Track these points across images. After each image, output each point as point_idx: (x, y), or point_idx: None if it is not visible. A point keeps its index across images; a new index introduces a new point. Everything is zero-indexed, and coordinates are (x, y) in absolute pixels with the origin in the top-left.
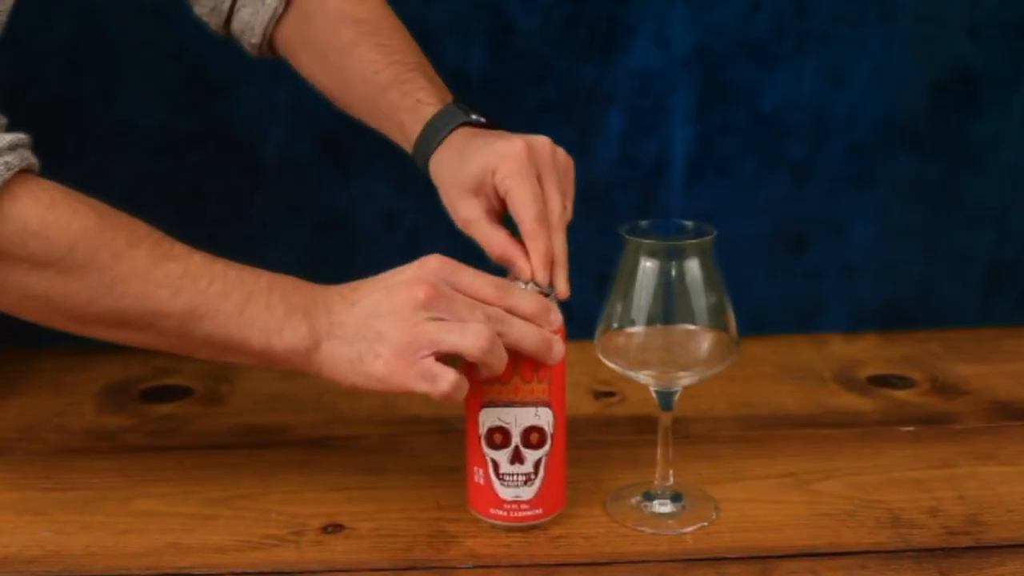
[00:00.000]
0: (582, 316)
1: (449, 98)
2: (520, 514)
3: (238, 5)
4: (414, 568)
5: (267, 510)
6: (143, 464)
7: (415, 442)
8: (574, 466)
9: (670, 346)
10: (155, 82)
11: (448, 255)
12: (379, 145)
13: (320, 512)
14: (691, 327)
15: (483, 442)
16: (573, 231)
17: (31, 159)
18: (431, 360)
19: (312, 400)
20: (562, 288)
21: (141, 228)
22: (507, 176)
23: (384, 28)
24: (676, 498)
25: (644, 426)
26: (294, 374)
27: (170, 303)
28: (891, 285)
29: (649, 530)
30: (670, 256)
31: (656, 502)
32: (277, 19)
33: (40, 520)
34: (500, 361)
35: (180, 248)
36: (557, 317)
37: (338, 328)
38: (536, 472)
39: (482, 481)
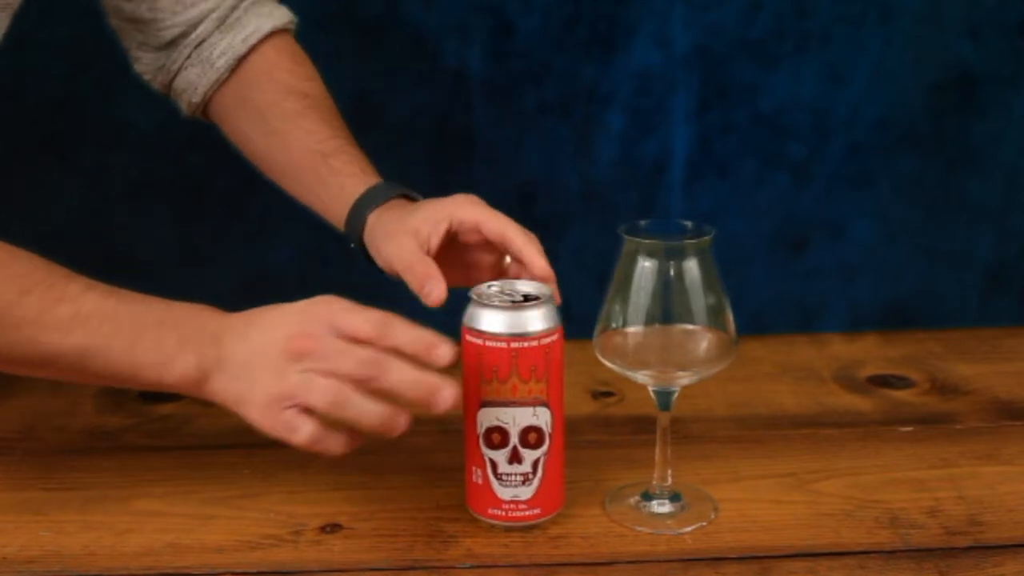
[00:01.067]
0: (581, 316)
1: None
2: (518, 514)
3: (186, 64)
4: (413, 568)
5: (266, 510)
6: (142, 464)
7: (414, 442)
8: (572, 466)
9: (668, 346)
10: None
11: None
12: (379, 145)
13: (319, 512)
14: (690, 327)
15: (481, 442)
16: (573, 231)
17: None
18: (292, 412)
19: None
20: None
21: (37, 273)
22: (473, 211)
23: (327, 106)
24: (675, 498)
25: (643, 426)
26: None
27: (62, 345)
28: (891, 285)
29: (648, 530)
30: (669, 256)
31: (655, 502)
32: (221, 83)
33: (39, 520)
34: (364, 415)
35: (75, 287)
36: (445, 352)
37: (225, 363)
38: (534, 472)
39: (480, 481)
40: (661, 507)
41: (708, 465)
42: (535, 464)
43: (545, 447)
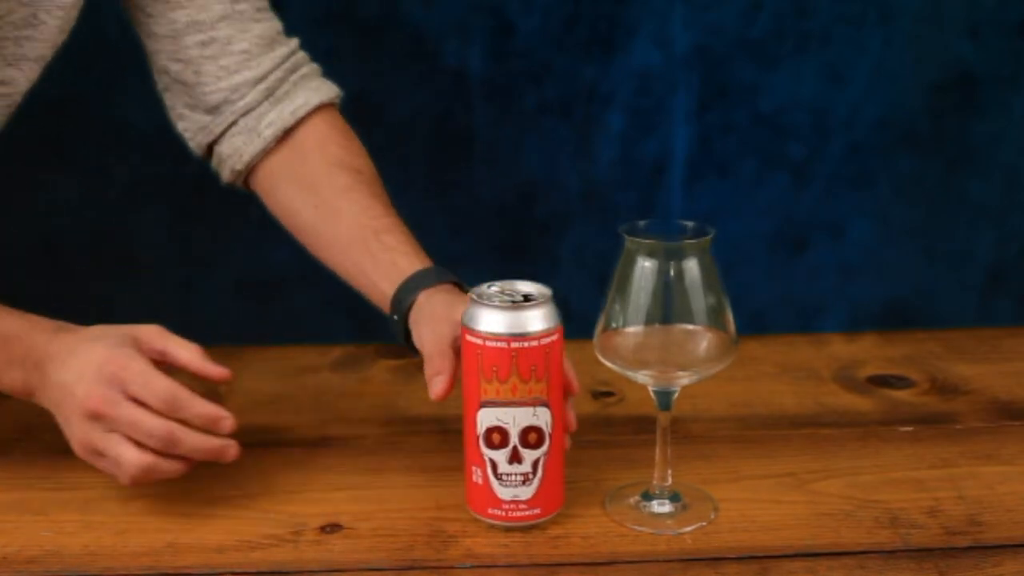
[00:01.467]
0: (581, 316)
1: None
2: (518, 514)
3: (231, 131)
4: (413, 568)
5: (266, 510)
6: None
7: (414, 442)
8: (573, 466)
9: (668, 346)
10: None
11: (443, 253)
12: (379, 145)
13: (319, 512)
14: (690, 327)
15: (481, 442)
16: (573, 231)
17: None
18: (106, 460)
19: (311, 400)
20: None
21: None
22: None
23: (377, 184)
24: (675, 498)
25: (643, 426)
26: (293, 374)
27: None
28: (891, 285)
29: (648, 530)
30: (669, 256)
31: (655, 502)
32: (268, 152)
33: (40, 520)
34: (171, 473)
35: None
36: (228, 425)
37: (46, 390)
38: (534, 472)
39: (480, 481)
40: (661, 507)
41: (708, 465)
42: (535, 464)
43: (545, 447)
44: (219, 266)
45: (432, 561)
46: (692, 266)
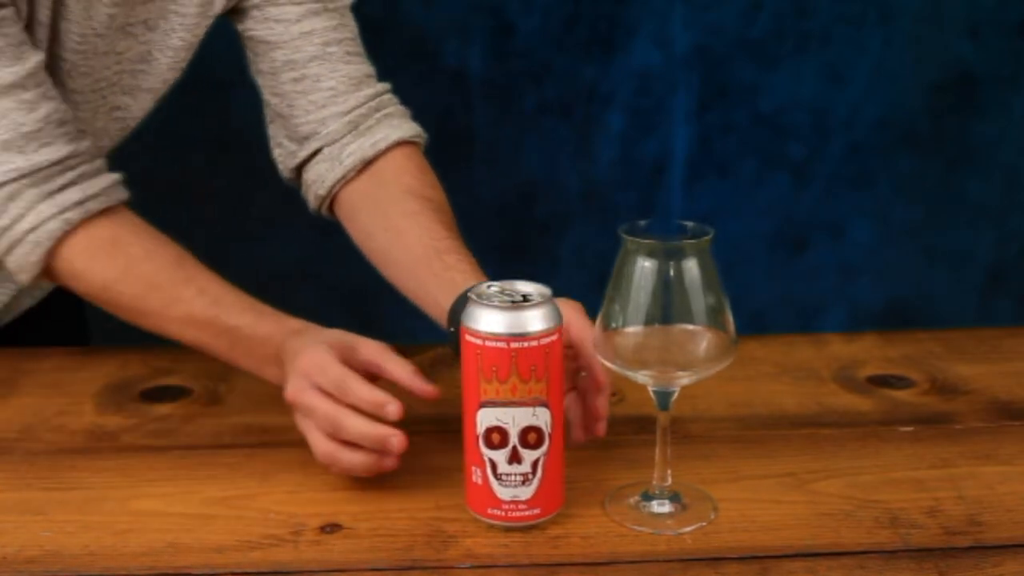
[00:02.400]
0: None
1: None
2: (518, 514)
3: (316, 159)
4: (412, 568)
5: (266, 510)
6: (142, 464)
7: (414, 442)
8: (572, 466)
9: (668, 346)
10: None
11: None
12: None
13: (319, 512)
14: (689, 327)
15: (481, 442)
16: (573, 231)
17: (95, 207)
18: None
19: None
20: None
21: (164, 271)
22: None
23: (445, 211)
24: (675, 498)
25: (643, 426)
26: None
27: (181, 336)
28: (891, 285)
29: (647, 530)
30: (668, 256)
31: (655, 502)
32: (347, 180)
33: (40, 520)
34: (353, 465)
35: (190, 291)
36: (394, 411)
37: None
38: (534, 472)
39: (480, 481)
40: (661, 507)
41: (708, 465)
42: (535, 464)
43: (545, 447)
44: (219, 266)
45: (432, 561)
46: (692, 266)
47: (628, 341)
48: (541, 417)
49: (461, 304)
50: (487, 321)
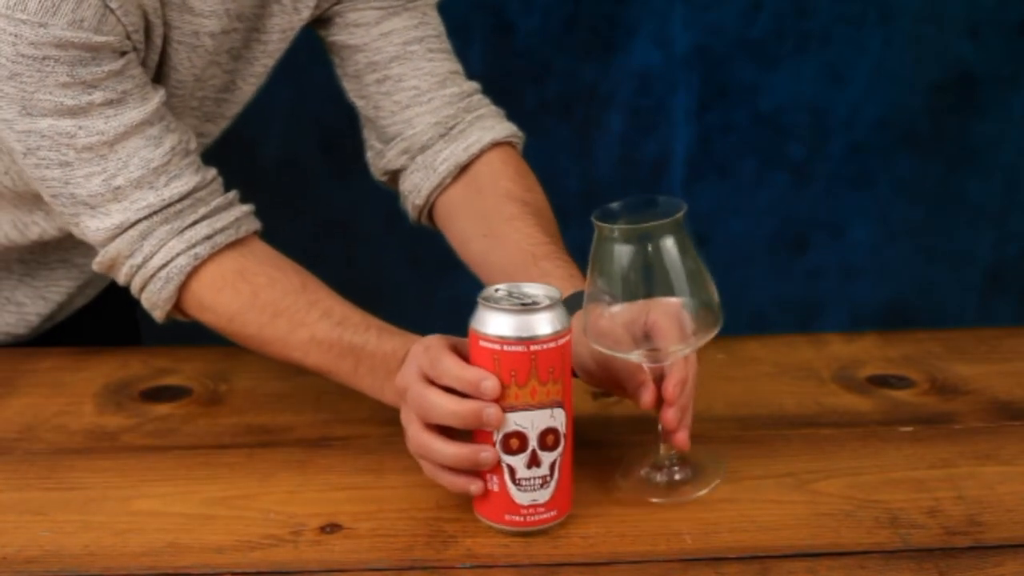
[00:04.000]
0: None
1: None
2: (536, 518)
3: (411, 168)
4: (413, 568)
5: (266, 510)
6: (142, 464)
7: None
8: (574, 466)
9: (656, 322)
10: None
11: (443, 255)
12: None
13: (319, 512)
14: (672, 300)
15: (499, 449)
16: (573, 231)
17: (222, 240)
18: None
19: (311, 400)
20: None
21: (288, 298)
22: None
23: (544, 215)
24: (683, 462)
25: (643, 426)
26: (293, 374)
27: (303, 361)
28: (891, 285)
29: (665, 500)
30: (643, 239)
31: (664, 471)
32: (444, 188)
33: (40, 520)
34: (441, 458)
35: (314, 314)
36: (492, 385)
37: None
38: (552, 474)
39: (496, 488)
40: (673, 475)
41: None
42: (552, 466)
43: (561, 448)
44: None
45: (432, 561)
46: (668, 244)
47: (615, 321)
48: (558, 418)
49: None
50: (502, 325)
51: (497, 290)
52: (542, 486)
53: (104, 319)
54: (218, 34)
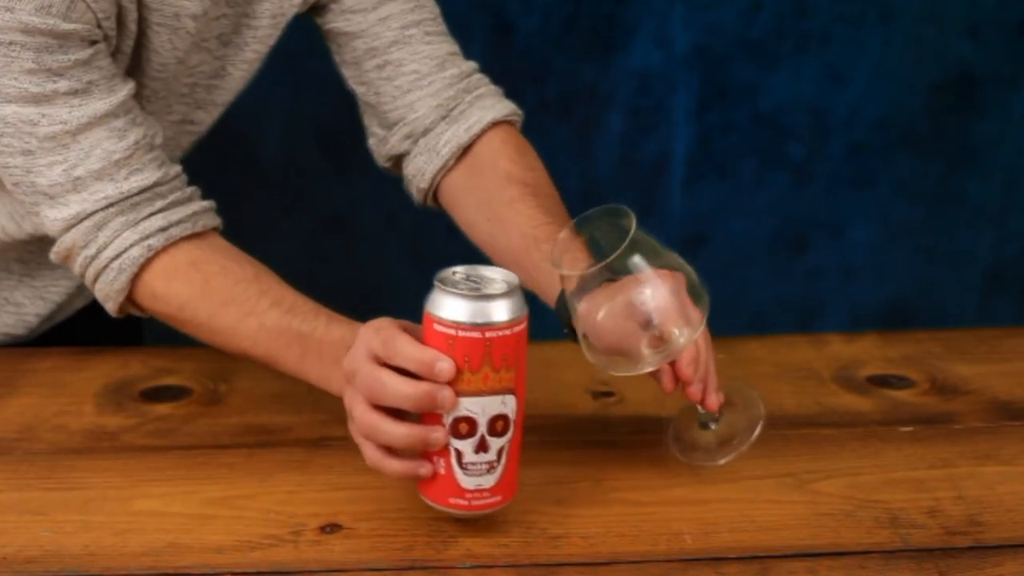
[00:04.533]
0: None
1: None
2: (481, 502)
3: (414, 152)
4: (412, 568)
5: (266, 510)
6: (142, 464)
7: None
8: (573, 466)
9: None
10: None
11: (443, 254)
12: None
13: (319, 512)
14: (661, 300)
15: (447, 432)
16: None
17: (178, 233)
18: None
19: (311, 400)
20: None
21: (238, 287)
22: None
23: (546, 194)
24: (722, 412)
25: (643, 426)
26: None
27: (252, 351)
28: (891, 285)
29: (729, 458)
30: (602, 276)
31: (712, 424)
32: (447, 170)
33: (40, 520)
34: (389, 440)
35: (264, 303)
36: (447, 367)
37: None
38: (499, 460)
39: (443, 471)
40: (720, 427)
41: None
42: (500, 452)
43: (509, 434)
44: None
45: (432, 561)
46: (636, 260)
47: (611, 340)
48: (509, 405)
49: (563, 301)
50: (459, 310)
51: (455, 273)
52: (488, 471)
53: (104, 320)
54: (201, 16)
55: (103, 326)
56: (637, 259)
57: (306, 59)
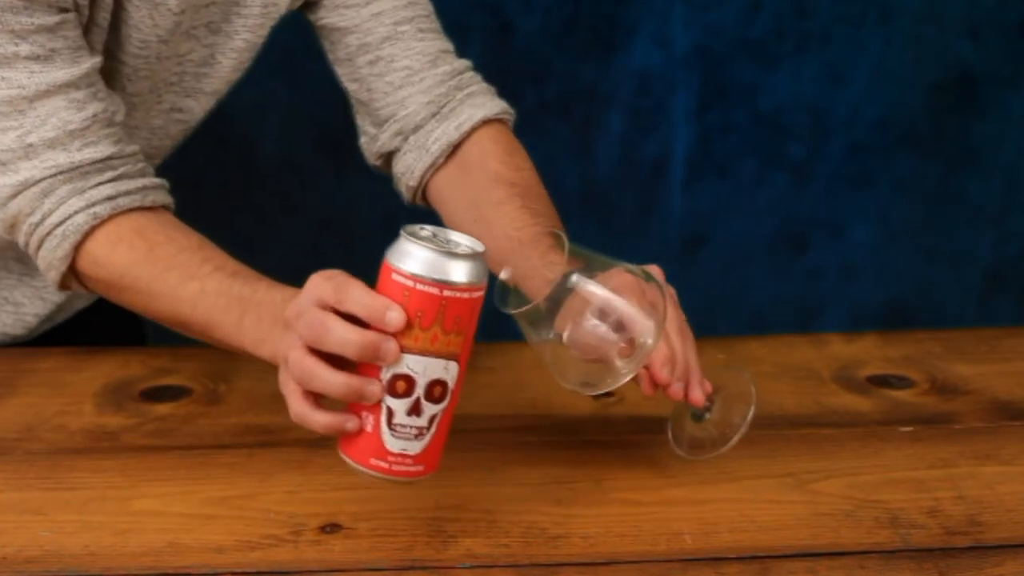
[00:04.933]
0: None
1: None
2: (402, 468)
3: (404, 149)
4: (412, 568)
5: (266, 510)
6: (142, 464)
7: None
8: (573, 466)
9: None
10: None
11: None
12: None
13: (318, 512)
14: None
15: (384, 388)
16: (573, 231)
17: (125, 203)
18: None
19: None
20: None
21: (181, 256)
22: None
23: (534, 195)
24: (713, 402)
25: (643, 426)
26: None
27: (191, 316)
28: (891, 285)
29: (732, 442)
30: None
31: (705, 421)
32: (436, 168)
33: (40, 520)
34: (324, 388)
35: (207, 268)
36: (397, 316)
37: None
38: (429, 427)
39: (370, 429)
40: (714, 415)
41: (708, 465)
42: (432, 419)
43: (445, 403)
44: None
45: (432, 561)
46: (575, 279)
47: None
48: (451, 372)
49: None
50: (422, 263)
51: (423, 228)
52: (416, 437)
53: (104, 321)
54: None
55: (104, 326)
56: (576, 279)
57: (305, 59)
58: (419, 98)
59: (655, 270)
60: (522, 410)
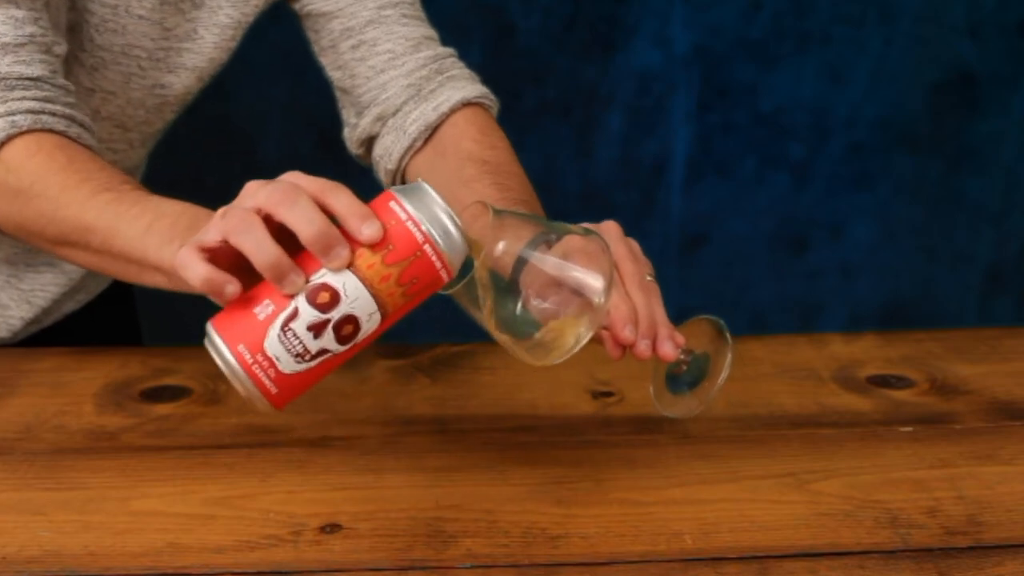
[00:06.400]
0: None
1: None
2: (260, 376)
3: (383, 132)
4: (413, 568)
5: (266, 510)
6: (142, 464)
7: (414, 442)
8: (573, 466)
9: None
10: None
11: None
12: None
13: (319, 512)
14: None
15: (305, 287)
16: None
17: (49, 122)
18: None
19: (310, 400)
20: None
21: (102, 173)
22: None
23: (505, 172)
24: (692, 359)
25: (643, 426)
26: None
27: (95, 222)
28: (891, 285)
29: (708, 399)
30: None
31: (684, 367)
32: (415, 151)
33: (39, 520)
34: (249, 242)
35: (128, 186)
36: (371, 230)
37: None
38: (312, 359)
39: (262, 317)
40: (691, 368)
41: (707, 465)
42: (320, 353)
43: (342, 348)
44: None
45: (432, 561)
46: (534, 253)
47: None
48: (372, 321)
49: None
50: (425, 208)
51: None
52: (295, 358)
53: (99, 324)
54: None
55: (99, 330)
56: (505, 246)
57: (306, 59)
58: (400, 81)
59: (608, 227)
60: (522, 410)
